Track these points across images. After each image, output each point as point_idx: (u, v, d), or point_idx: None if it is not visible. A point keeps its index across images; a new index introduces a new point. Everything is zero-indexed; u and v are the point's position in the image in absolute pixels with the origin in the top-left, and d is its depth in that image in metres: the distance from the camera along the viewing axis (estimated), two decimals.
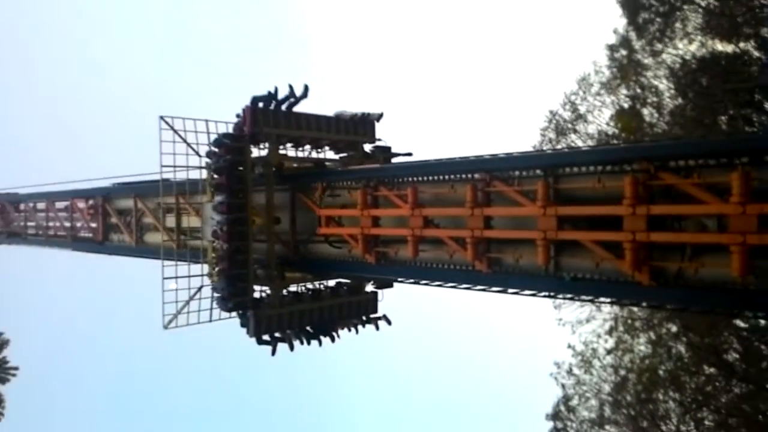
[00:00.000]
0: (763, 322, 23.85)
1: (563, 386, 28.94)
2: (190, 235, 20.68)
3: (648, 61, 33.32)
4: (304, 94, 17.39)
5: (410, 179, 14.26)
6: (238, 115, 17.31)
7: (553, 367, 29.47)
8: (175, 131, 18.69)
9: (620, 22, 32.37)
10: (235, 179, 16.54)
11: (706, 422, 26.61)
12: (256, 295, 17.34)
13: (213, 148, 17.07)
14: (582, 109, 31.33)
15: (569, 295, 12.77)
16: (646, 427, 27.19)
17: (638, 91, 33.21)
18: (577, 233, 11.31)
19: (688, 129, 30.72)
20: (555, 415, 28.66)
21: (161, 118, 18.62)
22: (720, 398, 26.57)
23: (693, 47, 33.15)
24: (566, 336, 30.60)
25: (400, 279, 14.84)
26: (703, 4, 32.18)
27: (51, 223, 28.51)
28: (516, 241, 12.36)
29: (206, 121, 18.63)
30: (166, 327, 18.29)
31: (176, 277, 18.74)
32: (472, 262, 12.94)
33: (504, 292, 13.12)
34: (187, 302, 18.31)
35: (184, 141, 18.70)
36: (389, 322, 18.63)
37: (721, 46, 32.63)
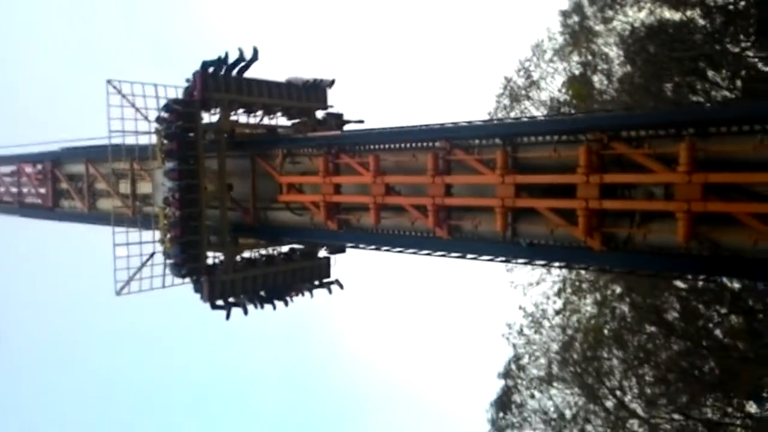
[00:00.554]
0: (701, 283, 25.22)
1: (514, 346, 30.08)
2: (141, 201, 20.56)
3: (599, 28, 33.91)
4: (255, 57, 17.17)
5: (372, 147, 14.43)
6: (188, 80, 17.04)
7: (505, 328, 30.55)
8: (123, 95, 18.38)
9: None
10: (185, 145, 16.38)
11: (647, 378, 28.16)
12: (210, 261, 17.42)
13: (163, 114, 16.84)
14: (535, 76, 31.86)
15: (525, 260, 13.29)
16: (591, 384, 28.60)
17: (589, 58, 33.85)
18: (533, 201, 11.76)
19: (636, 96, 31.64)
20: (506, 374, 29.83)
21: (108, 81, 18.30)
22: (660, 355, 28.10)
23: (642, 14, 33.89)
24: (518, 298, 31.72)
25: (361, 245, 15.11)
26: None
27: None
28: (475, 208, 12.75)
29: (155, 85, 18.37)
30: (118, 293, 18.36)
31: (128, 244, 18.74)
32: (432, 229, 13.30)
33: (463, 257, 13.56)
34: (139, 269, 18.37)
35: (133, 105, 18.44)
36: (341, 287, 18.94)
37: (668, 14, 33.46)
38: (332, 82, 18.70)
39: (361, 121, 18.72)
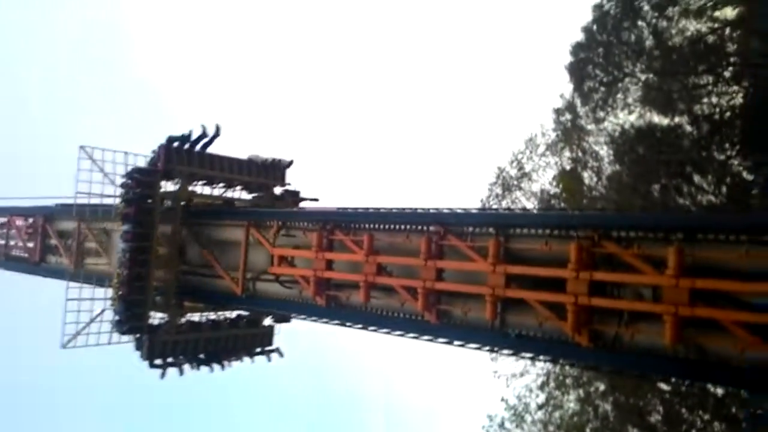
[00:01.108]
0: (685, 387, 25.03)
1: None
2: (95, 261, 21.79)
3: (591, 127, 35.18)
4: (217, 134, 18.77)
5: (367, 226, 14.62)
6: (153, 152, 18.60)
7: (485, 420, 29.90)
8: (93, 160, 19.98)
9: (567, 88, 34.24)
10: (142, 211, 17.76)
11: None
12: (157, 322, 18.43)
13: (126, 180, 18.28)
14: (528, 168, 32.73)
15: (512, 352, 13.25)
16: None
17: (580, 154, 34.93)
18: (523, 292, 11.87)
19: (624, 195, 32.44)
20: None
21: (81, 147, 19.97)
22: None
23: (632, 117, 35.26)
24: (501, 388, 31.20)
25: (348, 324, 15.01)
26: (642, 78, 34.39)
27: None
28: (465, 294, 12.83)
29: (125, 153, 20.08)
30: (64, 346, 19.20)
31: (79, 299, 19.72)
32: (422, 312, 13.31)
33: (450, 343, 13.50)
34: (88, 324, 19.31)
35: (101, 170, 20.02)
36: (281, 355, 20.05)
37: (657, 119, 34.84)
38: (290, 163, 20.45)
39: (316, 200, 20.66)
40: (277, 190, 20.44)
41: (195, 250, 19.16)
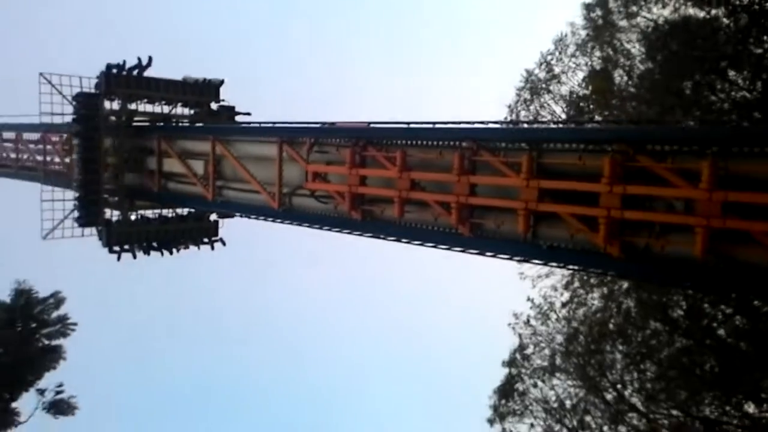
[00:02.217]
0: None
1: (520, 336, 30.62)
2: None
3: (623, 23, 33.78)
4: (149, 63, 22.41)
5: (399, 142, 14.79)
6: (97, 77, 22.38)
7: (512, 318, 31.09)
8: (53, 85, 23.33)
9: None
10: (88, 126, 21.69)
11: (648, 373, 28.69)
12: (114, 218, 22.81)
13: (73, 102, 22.18)
14: (557, 70, 31.92)
15: (543, 262, 13.72)
16: (592, 376, 29.17)
17: (611, 53, 33.84)
18: (556, 206, 12.15)
19: (656, 93, 31.68)
20: (511, 362, 30.42)
21: (41, 74, 23.26)
22: (662, 351, 28.59)
23: (666, 12, 33.77)
24: (526, 289, 32.18)
25: (382, 236, 15.54)
26: None
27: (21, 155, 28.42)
28: (498, 208, 13.16)
29: (80, 77, 23.33)
30: (44, 238, 23.39)
31: (53, 200, 23.83)
32: (455, 226, 13.73)
33: (482, 254, 14.01)
34: (62, 220, 23.49)
35: (60, 93, 23.37)
36: (224, 243, 23.81)
37: (692, 11, 33.32)
38: (222, 82, 23.27)
39: (248, 113, 23.53)
40: (214, 106, 23.41)
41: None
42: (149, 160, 23.05)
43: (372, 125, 15.27)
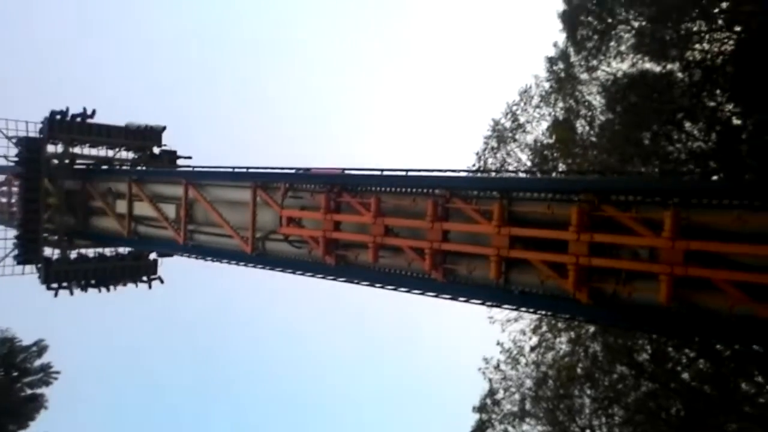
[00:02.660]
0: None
1: (490, 381, 30.71)
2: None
3: (584, 76, 35.26)
4: (93, 114, 23.96)
5: (374, 189, 15.11)
6: (42, 122, 23.58)
7: (482, 362, 31.20)
8: None
9: (560, 36, 34.15)
10: (30, 168, 22.78)
11: (616, 418, 28.99)
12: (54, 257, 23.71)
13: (18, 146, 23.19)
14: (522, 119, 33.00)
15: (515, 307, 14.01)
16: (562, 421, 29.32)
17: (573, 104, 35.17)
18: (527, 253, 12.52)
19: (616, 143, 32.90)
20: (481, 408, 30.40)
21: None
22: (629, 395, 28.97)
23: (625, 66, 35.36)
24: (495, 333, 32.41)
25: (356, 281, 15.69)
26: (635, 25, 34.33)
27: None
28: (470, 254, 13.48)
29: (26, 122, 24.20)
30: None
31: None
32: (428, 272, 13.99)
33: (454, 299, 14.25)
34: (3, 258, 23.95)
35: (6, 137, 24.10)
36: (162, 281, 24.85)
37: (649, 66, 34.95)
38: (164, 128, 24.73)
39: (189, 157, 24.91)
40: (156, 150, 24.88)
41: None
42: (118, 203, 23.46)
43: (347, 172, 15.57)
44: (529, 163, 32.84)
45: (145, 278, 24.62)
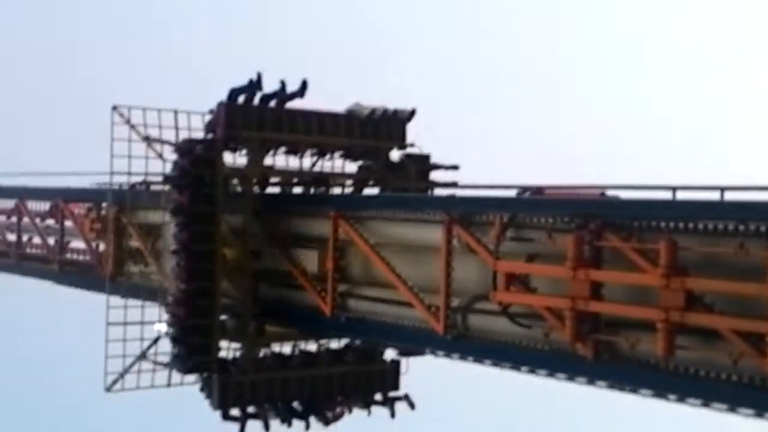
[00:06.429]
0: None
1: None
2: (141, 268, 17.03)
3: None
4: (301, 93, 13.95)
5: (661, 225, 8.66)
6: (211, 111, 13.93)
7: None
8: (132, 126, 15.09)
9: None
10: (199, 199, 12.89)
11: None
12: (226, 354, 14.40)
13: (177, 156, 13.52)
14: None
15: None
16: None
17: None
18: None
19: None
20: None
21: (114, 108, 15.09)
22: None
23: None
24: None
25: (630, 389, 9.07)
26: None
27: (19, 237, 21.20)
28: None
29: (175, 111, 14.82)
30: (108, 389, 14.88)
31: (124, 323, 15.13)
32: None
33: None
34: (138, 358, 14.90)
35: (145, 139, 14.97)
36: (412, 406, 14.52)
37: None
38: (412, 113, 14.68)
39: (456, 167, 15.12)
40: (395, 155, 15.18)
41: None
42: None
43: (609, 194, 9.42)
44: None
45: (379, 397, 14.57)
